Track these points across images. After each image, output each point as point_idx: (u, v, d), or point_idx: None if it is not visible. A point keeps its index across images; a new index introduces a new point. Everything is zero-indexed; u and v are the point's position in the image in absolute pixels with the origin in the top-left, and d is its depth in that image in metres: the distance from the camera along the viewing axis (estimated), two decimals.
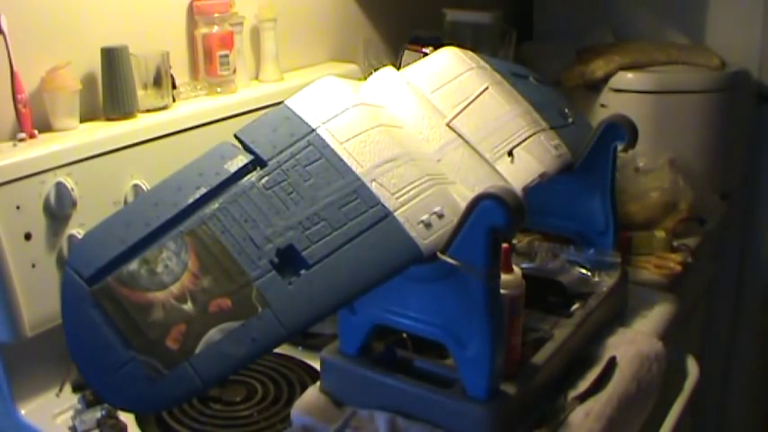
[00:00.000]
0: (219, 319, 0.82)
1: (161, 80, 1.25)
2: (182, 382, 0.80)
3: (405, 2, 1.86)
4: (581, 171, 1.18)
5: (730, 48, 1.80)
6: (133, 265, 0.84)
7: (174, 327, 0.81)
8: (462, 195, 0.93)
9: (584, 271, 1.22)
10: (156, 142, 1.20)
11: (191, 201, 0.87)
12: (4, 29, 1.08)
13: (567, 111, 1.25)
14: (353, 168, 0.90)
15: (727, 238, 1.89)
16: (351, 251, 0.85)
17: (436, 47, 1.29)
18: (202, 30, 1.35)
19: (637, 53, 1.76)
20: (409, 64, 1.15)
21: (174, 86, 1.29)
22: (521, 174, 1.03)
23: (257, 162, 0.90)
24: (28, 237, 1.06)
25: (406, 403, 0.94)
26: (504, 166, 1.03)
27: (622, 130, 1.19)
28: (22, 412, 1.10)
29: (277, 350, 1.04)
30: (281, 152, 0.90)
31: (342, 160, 0.90)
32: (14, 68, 1.09)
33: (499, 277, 0.90)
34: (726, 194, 1.76)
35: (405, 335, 1.02)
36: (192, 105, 1.30)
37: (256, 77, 1.51)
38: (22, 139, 1.10)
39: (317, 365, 1.10)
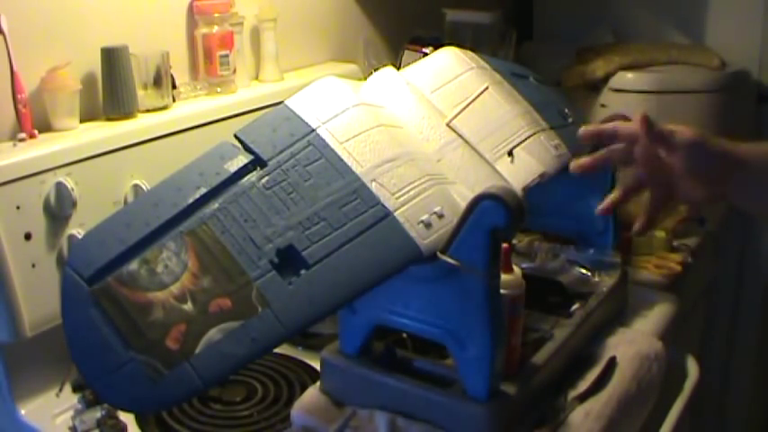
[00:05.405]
0: (219, 319, 0.82)
1: (161, 80, 1.25)
2: (182, 382, 0.80)
3: (405, 2, 1.86)
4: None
5: (730, 48, 1.80)
6: (133, 265, 0.84)
7: (174, 327, 0.81)
8: (462, 195, 0.93)
9: (584, 271, 1.22)
10: (156, 142, 1.20)
11: (191, 201, 0.87)
12: (4, 29, 1.08)
13: (566, 111, 1.25)
14: (353, 168, 0.90)
15: (727, 238, 1.89)
16: (351, 251, 0.85)
17: (436, 47, 1.29)
18: (202, 30, 1.35)
19: (637, 53, 1.76)
20: (409, 64, 1.15)
21: (174, 86, 1.29)
22: (521, 174, 1.03)
23: (257, 162, 0.90)
24: (28, 237, 1.06)
25: (406, 403, 0.94)
26: (504, 166, 1.03)
27: None
28: (22, 412, 1.10)
29: (277, 350, 1.04)
30: (281, 152, 0.90)
31: (342, 160, 0.90)
32: (14, 68, 1.09)
33: (499, 277, 0.90)
34: None
35: (405, 335, 1.02)
36: (191, 105, 1.30)
37: (256, 77, 1.51)
38: (22, 139, 1.10)
39: (317, 365, 1.10)
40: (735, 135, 1.77)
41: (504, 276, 0.93)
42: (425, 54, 1.55)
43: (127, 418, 1.06)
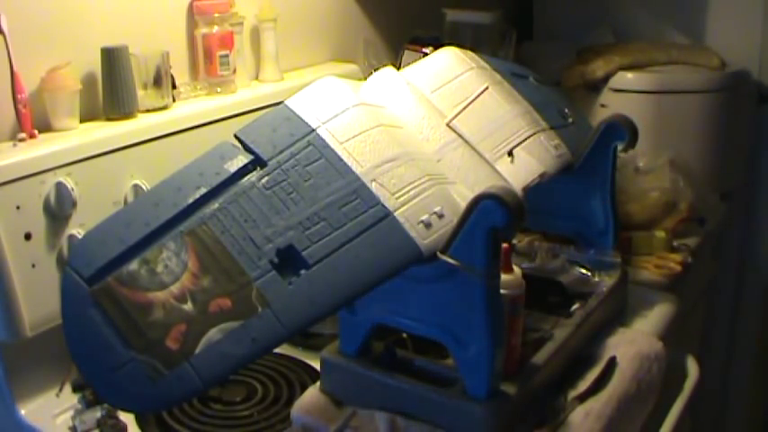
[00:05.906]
0: (219, 319, 0.82)
1: (161, 80, 1.25)
2: (182, 382, 0.80)
3: (405, 2, 1.86)
4: (581, 171, 1.18)
5: (730, 48, 1.80)
6: (133, 265, 0.84)
7: (174, 327, 0.81)
8: (462, 195, 0.93)
9: (584, 271, 1.22)
10: (156, 142, 1.20)
11: (191, 201, 0.87)
12: (4, 29, 1.08)
13: (567, 111, 1.25)
14: (353, 168, 0.90)
15: (727, 238, 1.89)
16: (351, 251, 0.85)
17: (436, 47, 1.29)
18: (202, 30, 1.35)
19: (637, 53, 1.76)
20: (409, 64, 1.15)
21: (174, 86, 1.29)
22: (521, 174, 1.03)
23: (257, 162, 0.90)
24: (28, 237, 1.06)
25: (406, 403, 0.94)
26: (504, 166, 1.03)
27: (622, 130, 1.19)
28: (22, 412, 1.10)
29: (277, 350, 1.04)
30: (281, 152, 0.90)
31: (342, 160, 0.90)
32: (14, 68, 1.09)
33: (499, 277, 0.90)
34: (726, 194, 1.76)
35: (405, 335, 1.02)
36: (191, 105, 1.30)
37: (256, 77, 1.51)
38: (22, 139, 1.10)
39: (317, 365, 1.10)
40: (735, 135, 1.78)
41: (504, 276, 0.93)
42: (425, 54, 1.55)
43: (127, 418, 1.06)
